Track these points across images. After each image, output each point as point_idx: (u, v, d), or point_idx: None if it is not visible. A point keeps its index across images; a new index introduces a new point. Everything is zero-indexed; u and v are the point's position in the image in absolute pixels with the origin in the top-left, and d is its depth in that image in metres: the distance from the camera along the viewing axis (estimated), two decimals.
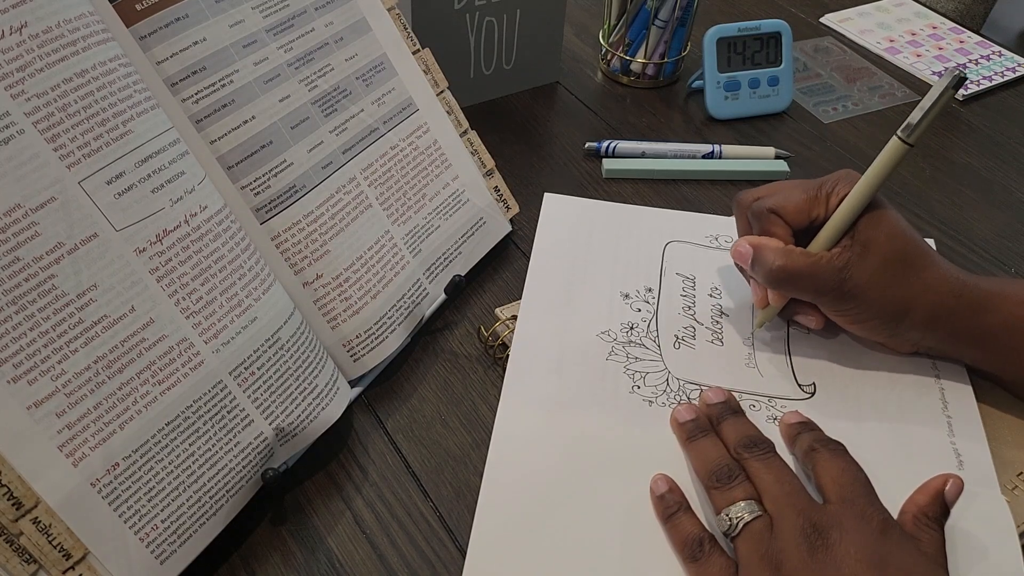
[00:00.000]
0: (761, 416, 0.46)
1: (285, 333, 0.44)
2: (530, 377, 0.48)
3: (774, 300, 0.49)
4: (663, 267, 0.55)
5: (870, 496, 0.38)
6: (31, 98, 0.36)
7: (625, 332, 0.51)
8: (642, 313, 0.52)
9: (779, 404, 0.47)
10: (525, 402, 0.46)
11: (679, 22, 0.75)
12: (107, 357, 0.38)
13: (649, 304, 0.52)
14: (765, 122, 0.75)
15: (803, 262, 0.45)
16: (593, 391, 0.47)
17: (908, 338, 0.47)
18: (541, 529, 0.41)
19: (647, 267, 0.55)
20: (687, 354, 0.50)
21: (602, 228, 0.58)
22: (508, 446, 0.44)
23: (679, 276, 0.54)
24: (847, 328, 0.48)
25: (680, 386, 0.48)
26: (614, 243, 0.57)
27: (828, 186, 0.46)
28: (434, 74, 0.58)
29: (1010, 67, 0.83)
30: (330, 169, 0.50)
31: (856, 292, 0.45)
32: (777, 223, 0.47)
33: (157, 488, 0.39)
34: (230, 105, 0.46)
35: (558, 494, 0.42)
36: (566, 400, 0.47)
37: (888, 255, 0.45)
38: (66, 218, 0.37)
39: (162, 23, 0.44)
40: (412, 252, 0.54)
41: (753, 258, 0.46)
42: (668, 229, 0.58)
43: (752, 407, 0.47)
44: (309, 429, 0.45)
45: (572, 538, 0.41)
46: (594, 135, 0.72)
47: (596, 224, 0.58)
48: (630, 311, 0.52)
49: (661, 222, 0.59)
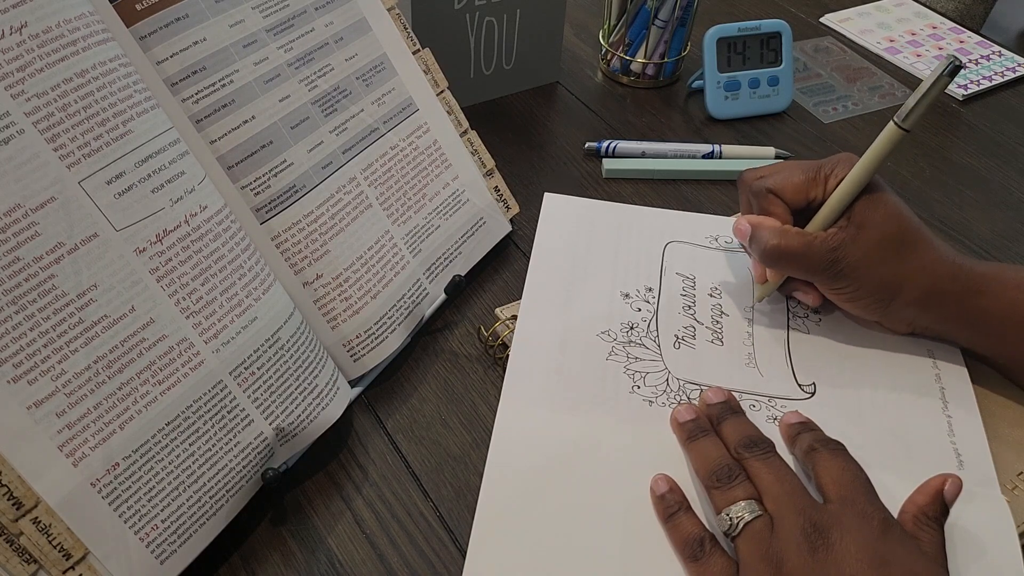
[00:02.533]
0: (761, 416, 0.46)
1: (285, 333, 0.44)
2: (530, 377, 0.48)
3: (772, 276, 0.51)
4: (663, 267, 0.55)
5: (870, 495, 0.38)
6: (31, 98, 0.36)
7: (625, 332, 0.51)
8: (642, 313, 0.52)
9: (779, 404, 0.47)
10: (525, 402, 0.46)
11: (679, 22, 0.75)
12: (107, 357, 0.38)
13: (649, 304, 0.52)
14: (765, 122, 0.75)
15: (798, 242, 0.46)
16: (593, 391, 0.47)
17: (902, 317, 0.48)
18: (541, 529, 0.41)
19: (647, 267, 0.55)
20: (687, 354, 0.50)
21: (602, 228, 0.58)
22: (508, 446, 0.44)
23: (679, 276, 0.54)
24: (842, 306, 0.49)
25: (680, 386, 0.48)
26: (614, 243, 0.57)
27: (827, 168, 0.47)
28: (434, 74, 0.58)
29: (1010, 67, 0.83)
30: (330, 169, 0.50)
31: (848, 271, 0.46)
32: (776, 203, 0.48)
33: (157, 488, 0.39)
34: (230, 105, 0.46)
35: (558, 494, 0.42)
36: (566, 400, 0.46)
37: (883, 236, 0.45)
38: (66, 218, 0.37)
39: (162, 23, 0.44)
40: (412, 252, 0.54)
41: (751, 236, 0.48)
42: (668, 229, 0.58)
43: (752, 407, 0.47)
44: (309, 429, 0.45)
45: (571, 538, 0.41)
46: (594, 135, 0.72)
47: (596, 224, 0.58)
48: (630, 311, 0.52)
49: (661, 222, 0.59)
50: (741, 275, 0.54)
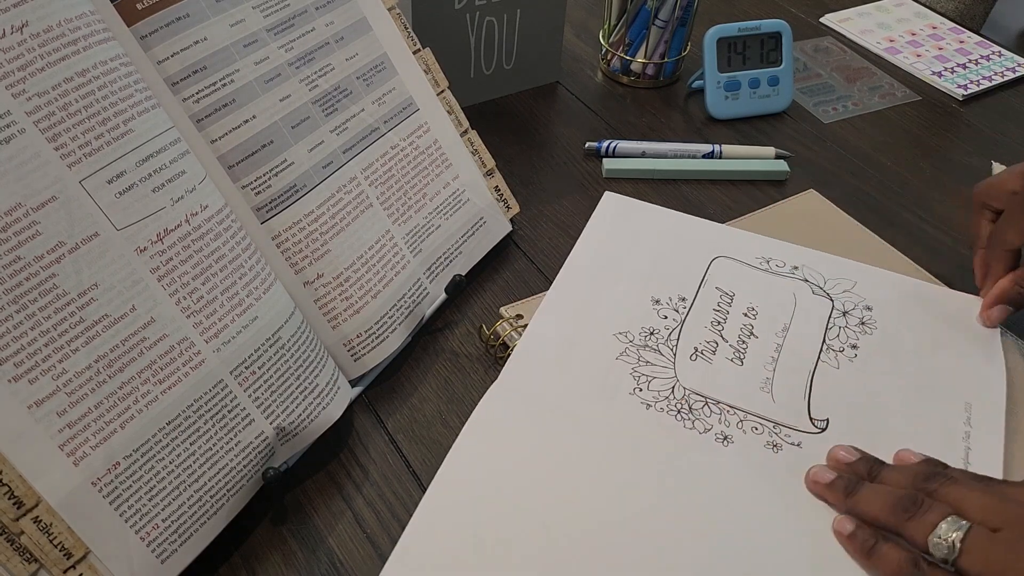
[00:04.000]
0: (760, 441, 0.45)
1: (286, 332, 0.44)
2: (531, 364, 0.48)
3: None
4: (704, 279, 0.54)
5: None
6: (32, 97, 0.36)
7: (643, 336, 0.50)
8: (667, 321, 0.51)
9: (784, 432, 0.46)
10: (516, 388, 0.46)
11: (679, 22, 0.75)
12: (108, 356, 0.38)
13: (678, 313, 0.52)
14: (765, 122, 0.75)
15: None
16: (592, 386, 0.47)
17: None
18: (487, 520, 0.41)
19: (686, 277, 0.54)
20: (702, 367, 0.49)
21: (651, 232, 0.57)
22: (481, 429, 0.44)
23: (718, 290, 0.53)
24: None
25: (685, 394, 0.47)
26: (658, 248, 0.56)
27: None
28: (434, 74, 0.58)
29: (1010, 67, 0.83)
30: (331, 168, 0.50)
31: None
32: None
33: (158, 487, 0.39)
34: (231, 104, 0.46)
35: (514, 488, 0.42)
36: (559, 391, 0.46)
37: None
38: (67, 217, 0.37)
39: (163, 23, 0.44)
40: (413, 252, 0.54)
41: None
42: (720, 243, 0.57)
43: (754, 429, 0.46)
44: (310, 428, 0.45)
45: (514, 538, 0.40)
46: (594, 135, 0.72)
47: (646, 227, 0.58)
48: (655, 317, 0.51)
49: (714, 235, 0.58)
50: (784, 301, 0.53)
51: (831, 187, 0.67)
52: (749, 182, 0.68)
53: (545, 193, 0.66)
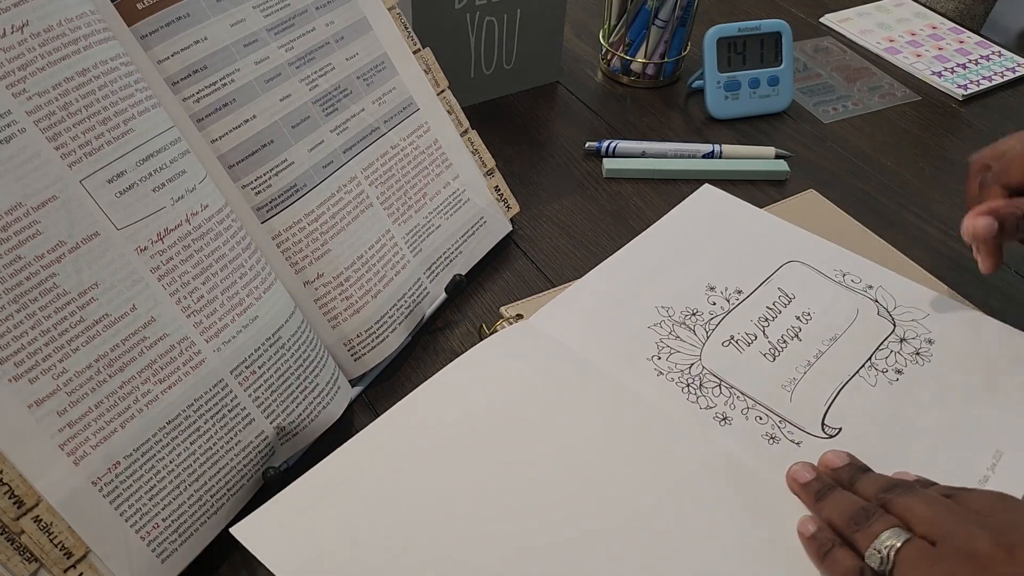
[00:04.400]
0: (759, 430, 0.45)
1: (286, 332, 0.44)
2: (567, 308, 0.50)
3: None
4: (769, 278, 0.53)
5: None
6: (32, 97, 0.36)
7: (684, 315, 0.51)
8: (714, 307, 0.51)
9: (787, 428, 0.45)
10: (542, 324, 0.49)
11: (679, 22, 0.75)
12: (108, 356, 0.38)
13: (728, 303, 0.52)
14: (765, 122, 0.75)
15: None
16: (615, 343, 0.48)
17: None
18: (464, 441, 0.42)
19: (751, 272, 0.54)
20: (731, 355, 0.49)
21: (734, 226, 0.58)
22: (492, 352, 0.47)
23: (779, 291, 0.53)
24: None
25: (702, 372, 0.47)
26: (735, 242, 0.56)
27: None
28: (435, 74, 0.58)
29: (1010, 67, 0.83)
30: (331, 168, 0.50)
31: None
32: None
33: (158, 487, 0.39)
34: (231, 104, 0.46)
35: (506, 417, 0.44)
36: (580, 338, 0.48)
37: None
38: (67, 217, 0.37)
39: (163, 22, 0.44)
40: (413, 251, 0.54)
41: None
42: (799, 249, 0.56)
43: (758, 419, 0.45)
44: (310, 428, 0.45)
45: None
46: (594, 135, 0.72)
47: (731, 221, 0.58)
48: (704, 301, 0.52)
49: (798, 240, 0.57)
50: (845, 313, 0.52)
51: (831, 187, 0.67)
52: (749, 182, 0.68)
53: (545, 193, 0.66)
